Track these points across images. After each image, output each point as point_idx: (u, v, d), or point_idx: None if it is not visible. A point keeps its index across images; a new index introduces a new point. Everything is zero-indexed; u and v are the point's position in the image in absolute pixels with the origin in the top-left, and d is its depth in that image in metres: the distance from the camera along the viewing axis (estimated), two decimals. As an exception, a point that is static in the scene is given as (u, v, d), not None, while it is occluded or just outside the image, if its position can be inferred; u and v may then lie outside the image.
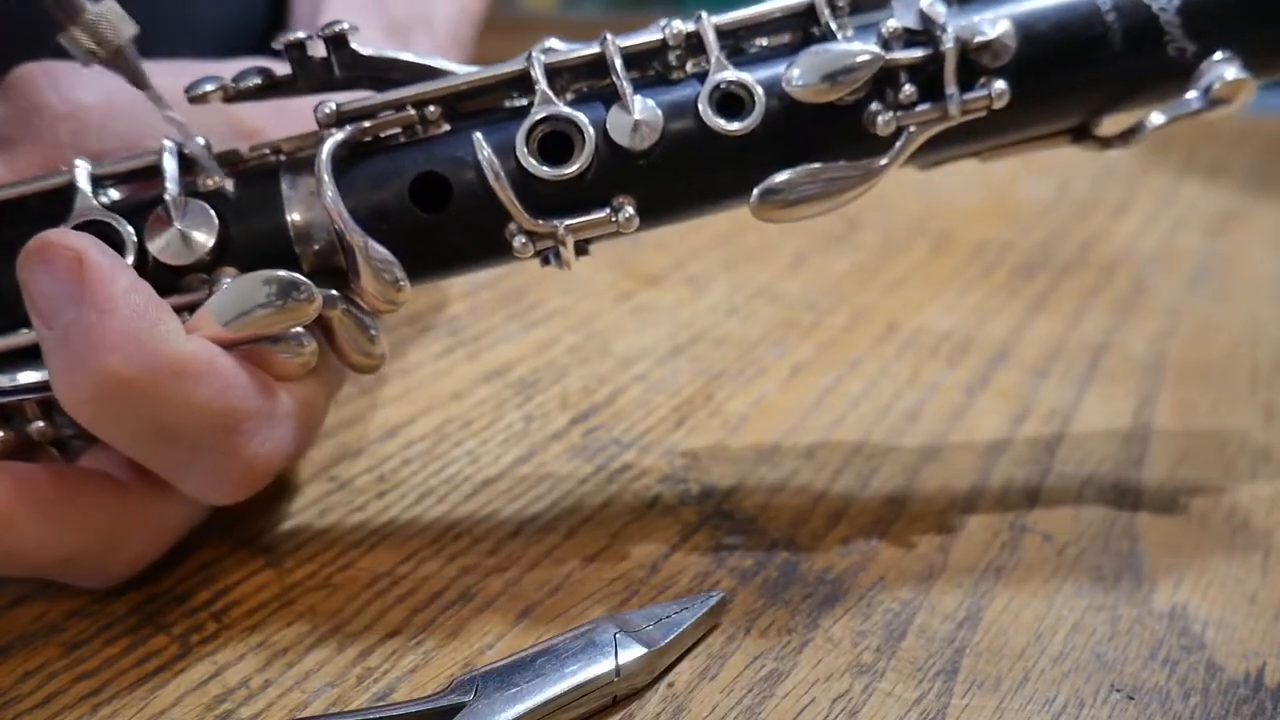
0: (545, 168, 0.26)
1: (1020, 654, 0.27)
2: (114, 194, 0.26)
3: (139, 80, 0.25)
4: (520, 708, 0.24)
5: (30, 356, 0.25)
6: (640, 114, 0.26)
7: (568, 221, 0.26)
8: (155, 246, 0.25)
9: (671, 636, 0.26)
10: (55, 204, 0.26)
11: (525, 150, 0.26)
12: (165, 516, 0.27)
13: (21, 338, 0.25)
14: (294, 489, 0.32)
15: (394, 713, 0.24)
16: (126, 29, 0.25)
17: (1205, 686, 0.26)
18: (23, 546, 0.24)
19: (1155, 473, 0.34)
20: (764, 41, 0.28)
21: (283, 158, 0.27)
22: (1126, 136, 0.29)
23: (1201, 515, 0.32)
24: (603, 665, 0.25)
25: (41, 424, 0.26)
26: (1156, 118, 0.29)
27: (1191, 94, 0.28)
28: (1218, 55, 0.28)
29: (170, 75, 0.28)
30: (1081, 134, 0.30)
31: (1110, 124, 0.30)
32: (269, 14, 0.45)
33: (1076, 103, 0.29)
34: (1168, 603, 0.29)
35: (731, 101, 0.27)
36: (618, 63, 0.27)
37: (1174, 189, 0.57)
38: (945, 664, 0.26)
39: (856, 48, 0.27)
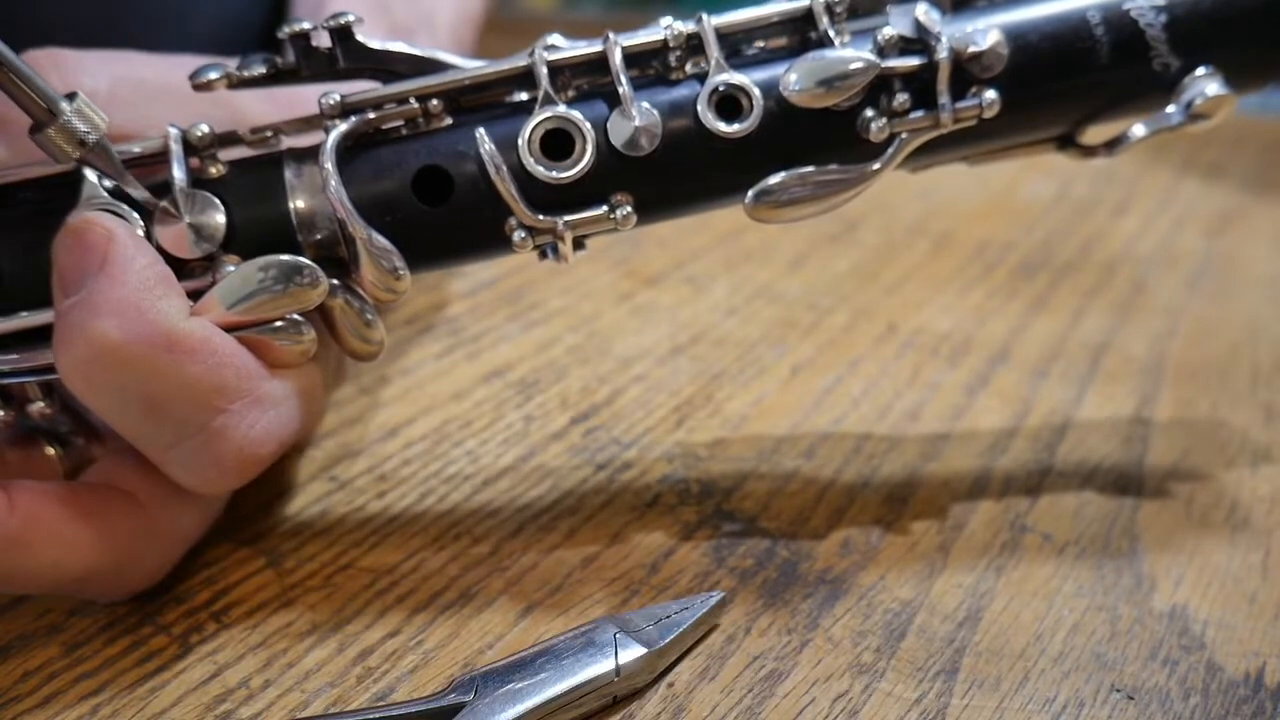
0: (546, 165, 0.26)
1: (1020, 654, 0.27)
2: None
3: (117, 171, 0.26)
4: (520, 708, 0.24)
5: (32, 339, 0.25)
6: (640, 114, 0.26)
7: (567, 218, 0.27)
8: (160, 235, 0.25)
9: (671, 636, 0.26)
10: (60, 189, 0.26)
11: (526, 147, 0.26)
12: (177, 528, 0.27)
13: (22, 320, 0.25)
14: (294, 489, 0.32)
15: (394, 713, 0.24)
16: (100, 120, 0.25)
17: (1205, 686, 0.26)
18: (37, 567, 0.24)
19: (1155, 472, 0.34)
20: (762, 44, 0.29)
21: (286, 146, 0.27)
22: (1110, 146, 0.30)
23: (1202, 515, 0.32)
24: (603, 665, 0.25)
25: (42, 404, 0.26)
26: (1138, 129, 0.30)
27: (1172, 108, 0.29)
28: (1200, 71, 0.29)
29: (172, 69, 0.28)
30: (1066, 142, 0.31)
31: (1094, 133, 0.31)
32: (270, 15, 0.45)
33: (1063, 113, 0.30)
34: (1168, 603, 0.29)
35: (729, 104, 0.27)
36: (619, 63, 0.27)
37: (1174, 189, 0.57)
38: (945, 664, 0.26)
39: (852, 55, 0.27)
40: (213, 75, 0.27)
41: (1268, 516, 0.32)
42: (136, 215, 0.25)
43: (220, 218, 0.25)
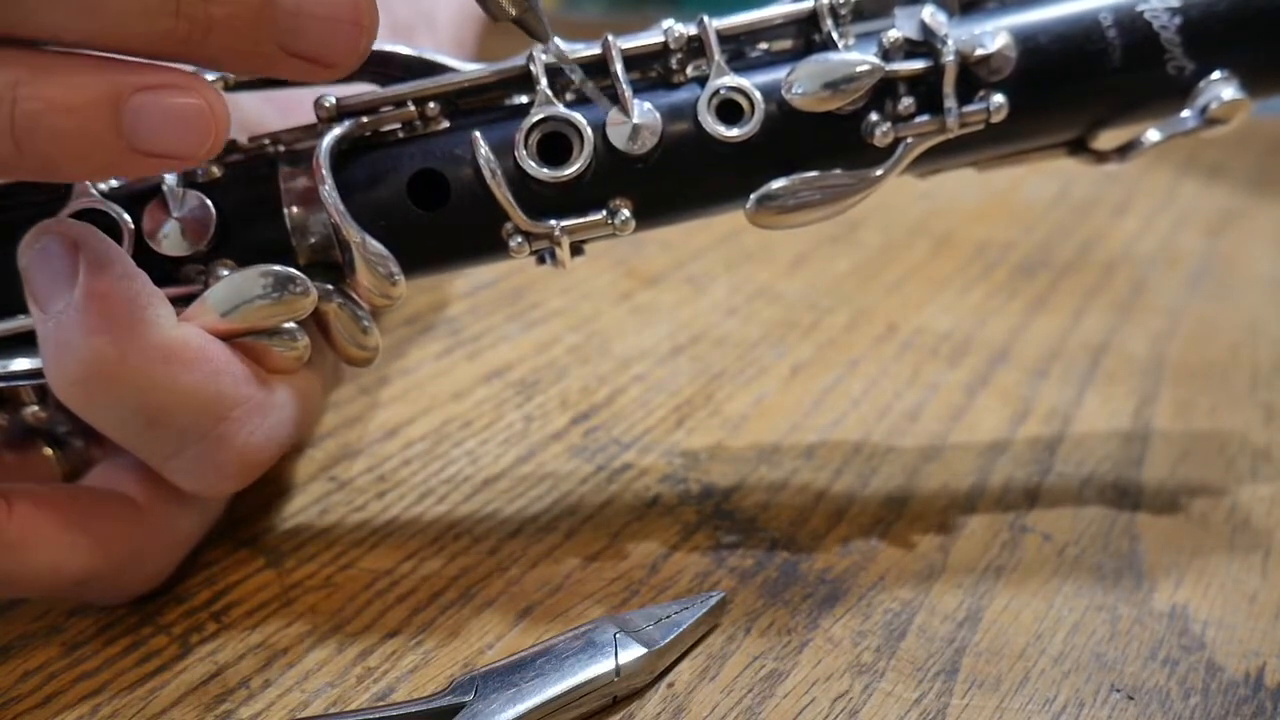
0: (543, 168, 0.26)
1: (1020, 654, 0.27)
2: (111, 181, 0.26)
3: (543, 36, 0.26)
4: (520, 708, 0.24)
5: (26, 342, 0.25)
6: (639, 118, 0.26)
7: (564, 223, 0.27)
8: (152, 236, 0.25)
9: (671, 636, 0.26)
10: (53, 190, 0.26)
11: (523, 150, 0.26)
12: (176, 532, 0.27)
13: (18, 323, 0.25)
14: (294, 489, 0.32)
15: (394, 713, 0.24)
16: None
17: (1205, 686, 0.26)
18: (36, 571, 0.24)
19: (1155, 473, 0.34)
20: (765, 46, 0.28)
21: (281, 149, 0.27)
22: (1123, 151, 0.30)
23: (1201, 515, 0.32)
24: (603, 665, 0.25)
25: (36, 408, 0.26)
26: (1153, 134, 0.29)
27: (1187, 112, 0.28)
28: (1216, 75, 0.28)
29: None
30: (1078, 147, 0.30)
31: (1107, 138, 0.30)
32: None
33: (1074, 117, 0.29)
34: (1168, 603, 0.29)
35: (731, 107, 0.27)
36: (618, 65, 0.27)
37: (1174, 189, 0.57)
38: (945, 664, 0.26)
39: (856, 58, 0.27)
40: (210, 77, 0.27)
41: (1268, 516, 0.32)
42: (126, 216, 0.25)
43: (210, 216, 0.25)
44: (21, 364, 0.25)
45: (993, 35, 0.27)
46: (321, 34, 0.22)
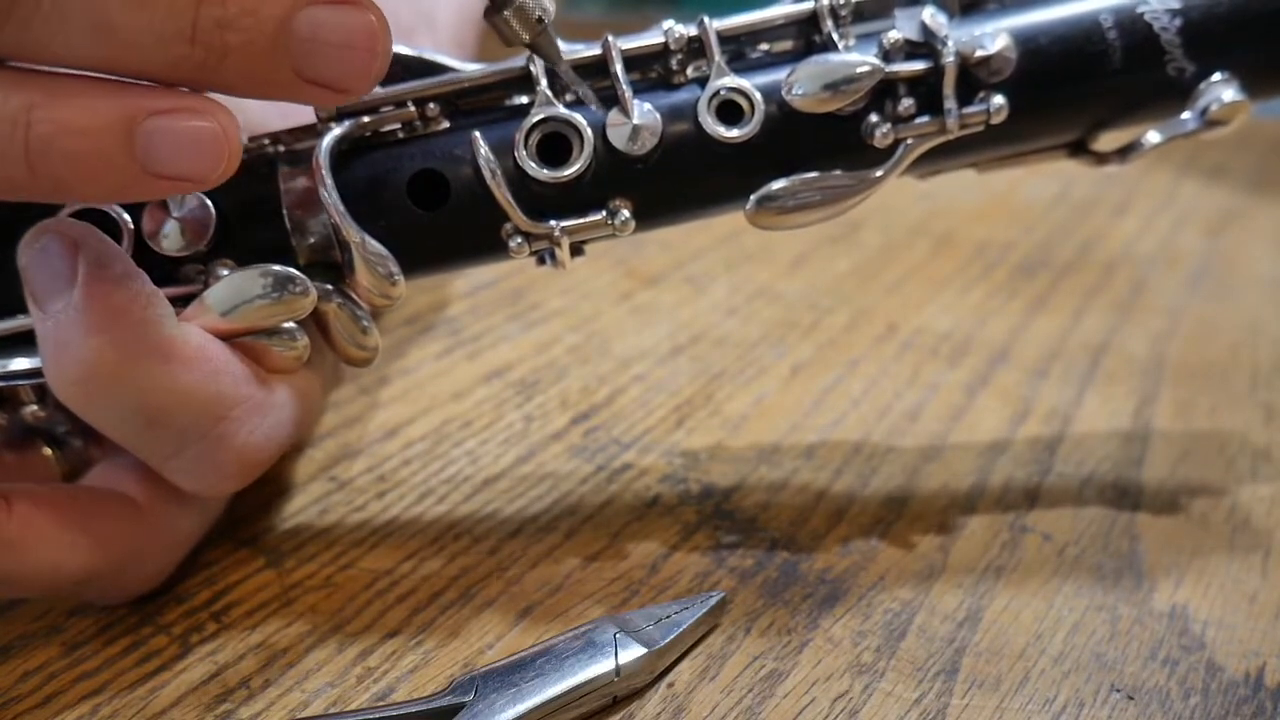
0: (543, 169, 0.26)
1: (1020, 654, 0.27)
2: None
3: (555, 59, 0.26)
4: (520, 708, 0.24)
5: (26, 342, 0.25)
6: (639, 118, 0.26)
7: (564, 223, 0.27)
8: (152, 236, 0.25)
9: (671, 636, 0.26)
10: None
11: (523, 150, 0.26)
12: (176, 531, 0.27)
13: (18, 323, 0.25)
14: (294, 489, 0.32)
15: (394, 713, 0.24)
16: (551, 7, 0.26)
17: (1205, 686, 0.26)
18: (35, 570, 0.24)
19: (1155, 473, 0.34)
20: (766, 47, 0.29)
21: (281, 149, 0.27)
22: (1123, 153, 0.30)
23: (1201, 515, 0.32)
24: (603, 665, 0.25)
25: (36, 408, 0.26)
26: (1153, 136, 0.29)
27: (1187, 114, 0.28)
28: (1216, 76, 0.28)
29: None
30: (1078, 149, 0.30)
31: (1107, 140, 0.30)
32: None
33: (1074, 119, 0.29)
34: (1168, 603, 0.29)
35: (731, 108, 0.27)
36: (618, 65, 0.27)
37: (1174, 189, 0.57)
38: (945, 664, 0.26)
39: (857, 59, 0.27)
40: None
41: (1267, 516, 0.32)
42: (126, 216, 0.25)
43: (210, 216, 0.25)
44: (21, 364, 0.25)
45: (993, 36, 0.27)
46: (337, 61, 0.22)
